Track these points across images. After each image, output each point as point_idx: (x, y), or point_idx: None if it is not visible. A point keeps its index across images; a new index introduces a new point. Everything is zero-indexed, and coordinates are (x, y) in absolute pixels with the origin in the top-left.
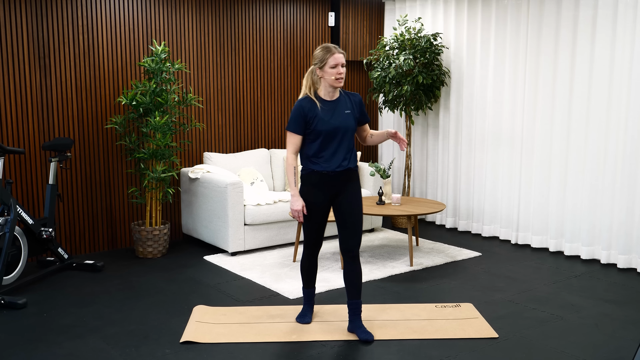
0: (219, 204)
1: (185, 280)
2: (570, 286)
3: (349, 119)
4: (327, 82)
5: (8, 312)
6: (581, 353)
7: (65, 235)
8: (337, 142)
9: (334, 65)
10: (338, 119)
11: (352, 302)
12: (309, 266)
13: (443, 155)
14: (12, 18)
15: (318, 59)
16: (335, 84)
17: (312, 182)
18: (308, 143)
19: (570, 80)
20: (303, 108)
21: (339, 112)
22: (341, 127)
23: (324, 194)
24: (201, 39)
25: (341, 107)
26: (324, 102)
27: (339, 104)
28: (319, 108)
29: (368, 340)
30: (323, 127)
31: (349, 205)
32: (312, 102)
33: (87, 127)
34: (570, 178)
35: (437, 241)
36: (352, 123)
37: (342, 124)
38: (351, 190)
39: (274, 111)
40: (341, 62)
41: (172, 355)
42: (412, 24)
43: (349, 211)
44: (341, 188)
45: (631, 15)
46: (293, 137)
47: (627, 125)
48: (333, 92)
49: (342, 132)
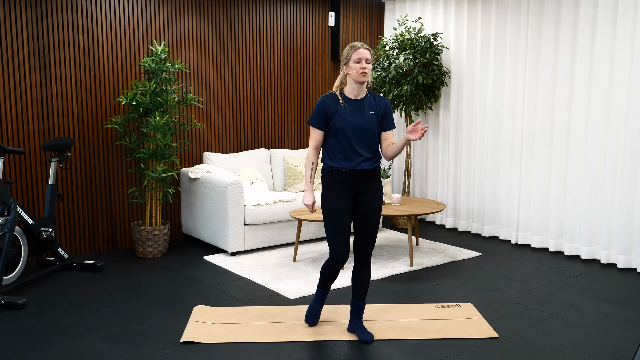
0: (219, 204)
1: (185, 280)
2: (570, 286)
3: (372, 120)
4: (352, 77)
5: (8, 312)
6: (581, 353)
7: (65, 235)
8: (357, 141)
9: (358, 60)
10: (360, 118)
11: (355, 302)
12: (331, 272)
13: (443, 155)
14: (12, 18)
15: (344, 55)
16: (359, 79)
17: (332, 181)
18: (329, 139)
19: (570, 80)
20: (324, 103)
21: (361, 112)
22: (361, 127)
23: (347, 194)
24: (201, 39)
25: (365, 107)
26: (347, 100)
27: (363, 103)
28: (341, 105)
29: (368, 341)
30: (342, 124)
31: (368, 207)
32: (335, 98)
33: (87, 127)
34: (570, 178)
35: (437, 241)
36: (374, 124)
37: (363, 123)
38: (371, 192)
39: (274, 111)
40: (365, 57)
41: (172, 355)
42: (412, 24)
43: (366, 213)
44: (361, 189)
45: (631, 15)
46: (314, 132)
47: (627, 125)
48: (359, 90)
49: (362, 132)
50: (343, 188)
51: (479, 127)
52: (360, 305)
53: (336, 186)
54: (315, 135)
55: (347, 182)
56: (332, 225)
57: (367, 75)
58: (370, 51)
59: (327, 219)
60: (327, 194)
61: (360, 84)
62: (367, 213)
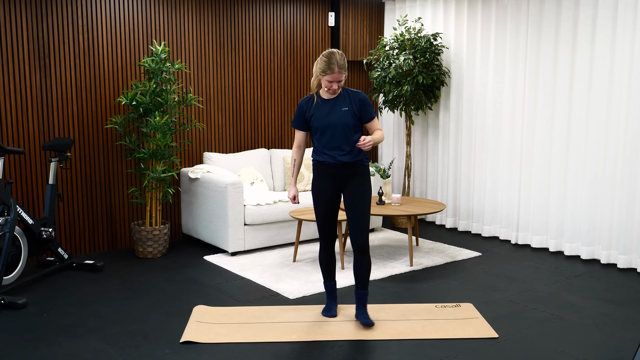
0: (219, 204)
1: (185, 280)
2: (570, 286)
3: (345, 116)
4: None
5: (8, 312)
6: (581, 353)
7: (65, 235)
8: (335, 136)
9: (330, 80)
10: (333, 115)
11: (358, 292)
12: (325, 258)
13: (443, 155)
14: (12, 18)
15: (320, 67)
16: (326, 94)
17: (317, 172)
18: (313, 137)
19: (570, 80)
20: (301, 107)
21: (335, 110)
22: (335, 124)
23: (329, 184)
24: (201, 39)
25: (339, 105)
26: (322, 99)
27: (337, 101)
28: (316, 106)
29: (368, 324)
30: (319, 123)
31: (352, 199)
32: (310, 101)
33: (87, 127)
34: (571, 178)
35: (437, 241)
36: (349, 119)
37: (336, 120)
38: (356, 184)
39: (274, 111)
40: (337, 80)
41: (172, 355)
42: (412, 24)
43: (350, 205)
44: (346, 181)
45: (631, 15)
46: (296, 132)
47: (627, 126)
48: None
49: (337, 128)
50: (328, 178)
51: (479, 127)
52: (362, 294)
53: (322, 176)
54: (297, 135)
55: (331, 174)
56: (316, 211)
57: (334, 93)
58: (344, 72)
59: (314, 208)
60: (314, 184)
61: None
62: (352, 205)
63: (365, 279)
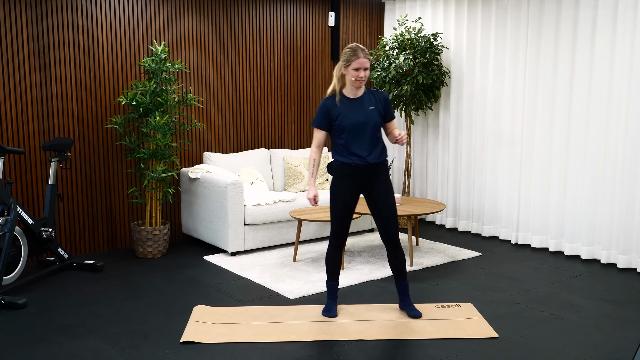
0: (219, 204)
1: (185, 280)
2: (570, 286)
3: (373, 115)
4: (348, 81)
5: (8, 312)
6: (581, 353)
7: (65, 235)
8: (361, 136)
9: (357, 68)
10: (362, 114)
11: (399, 284)
12: (333, 258)
13: (443, 155)
14: (12, 18)
15: (344, 58)
16: (354, 85)
17: (340, 174)
18: (335, 137)
19: (570, 80)
20: (326, 106)
21: (362, 108)
22: (364, 123)
23: (352, 186)
24: (201, 39)
25: (365, 104)
26: (347, 99)
27: (363, 100)
28: (342, 105)
29: (416, 317)
30: (347, 122)
31: (381, 197)
32: (335, 100)
33: (87, 127)
34: (571, 178)
35: (437, 241)
36: (376, 118)
37: (365, 119)
38: (381, 183)
39: (274, 111)
40: (364, 66)
41: (172, 355)
42: (412, 24)
43: (382, 203)
44: (371, 182)
45: (631, 15)
46: (317, 132)
47: (627, 126)
48: (356, 90)
49: (365, 127)
50: (352, 180)
51: (479, 127)
52: (404, 285)
53: (345, 178)
54: (318, 135)
55: (357, 176)
56: (334, 212)
57: (362, 84)
58: (369, 59)
59: (332, 209)
60: (335, 184)
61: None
62: (383, 205)
63: (404, 269)
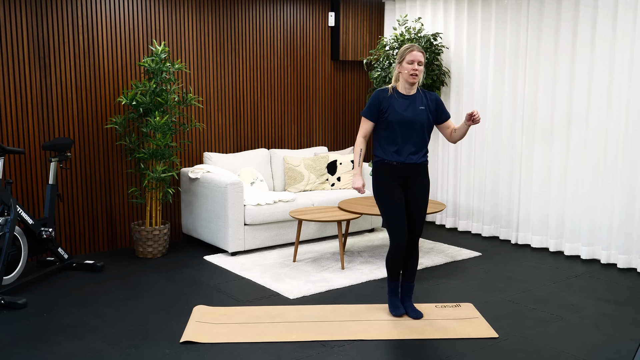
0: (219, 204)
1: (185, 280)
2: (570, 286)
3: (422, 114)
4: (403, 77)
5: (8, 312)
6: (581, 353)
7: (65, 235)
8: (408, 134)
9: (411, 61)
10: (411, 112)
11: (405, 284)
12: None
13: (443, 155)
14: (12, 18)
15: (399, 54)
16: (409, 79)
17: (382, 171)
18: (380, 132)
19: (570, 80)
20: (379, 97)
21: (413, 107)
22: (413, 121)
23: (394, 182)
24: (201, 39)
25: (417, 103)
26: (400, 95)
27: (415, 99)
28: (395, 99)
29: (417, 318)
30: (395, 117)
31: (417, 199)
32: (388, 93)
33: (87, 127)
34: (571, 178)
35: (437, 241)
36: (425, 118)
37: (414, 117)
38: (419, 184)
39: (274, 111)
40: (418, 60)
41: (172, 355)
42: (412, 24)
43: (416, 205)
44: (410, 181)
45: (631, 15)
46: (365, 123)
47: (627, 126)
48: (410, 88)
49: (413, 126)
50: (393, 179)
51: (479, 127)
52: (409, 286)
53: (387, 178)
54: (366, 125)
55: (396, 175)
56: (389, 214)
57: (417, 77)
58: (424, 54)
59: (383, 209)
60: (379, 186)
61: (411, 85)
62: (417, 205)
63: (415, 271)
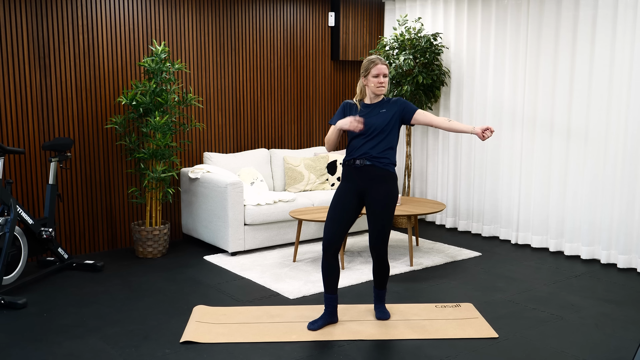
0: (219, 204)
1: (185, 280)
2: (570, 286)
3: (384, 117)
4: (370, 89)
5: (8, 312)
6: (581, 353)
7: (65, 235)
8: (369, 139)
9: (376, 74)
10: (373, 117)
11: (375, 290)
12: (325, 267)
13: (443, 155)
14: (12, 18)
15: (363, 68)
16: (376, 91)
17: (344, 173)
18: (348, 139)
19: (570, 80)
20: (344, 106)
21: (375, 112)
22: (374, 124)
23: (350, 186)
24: (201, 39)
25: (378, 108)
26: (365, 105)
27: (378, 105)
28: (358, 109)
29: (382, 319)
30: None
31: (373, 206)
32: (354, 104)
33: (87, 127)
34: (571, 178)
35: (437, 241)
36: (385, 121)
37: (375, 121)
38: (379, 191)
39: (274, 111)
40: (383, 73)
41: (172, 355)
42: (412, 24)
43: (372, 212)
44: (368, 187)
45: (631, 15)
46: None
47: (627, 126)
48: (375, 98)
49: (374, 129)
50: (350, 182)
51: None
52: (379, 293)
53: (346, 179)
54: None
55: (354, 177)
56: (328, 215)
57: (383, 89)
58: (388, 66)
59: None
60: (338, 186)
61: (377, 96)
62: (372, 212)
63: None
